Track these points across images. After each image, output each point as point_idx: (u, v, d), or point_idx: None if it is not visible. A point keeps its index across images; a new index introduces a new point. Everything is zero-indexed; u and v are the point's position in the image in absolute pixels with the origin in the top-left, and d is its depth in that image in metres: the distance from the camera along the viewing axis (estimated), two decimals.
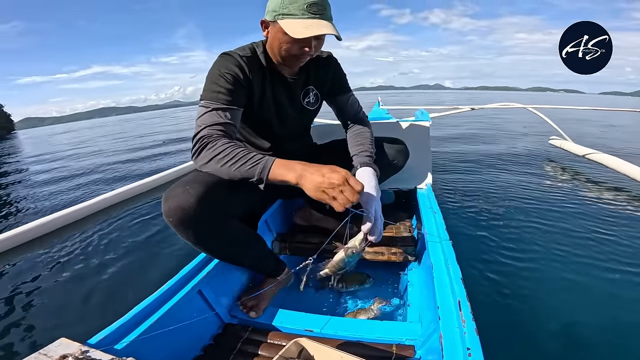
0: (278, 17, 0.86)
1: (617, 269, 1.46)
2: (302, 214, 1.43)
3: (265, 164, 0.77)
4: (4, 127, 41.74)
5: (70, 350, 0.59)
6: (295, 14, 0.84)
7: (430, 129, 1.63)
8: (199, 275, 0.93)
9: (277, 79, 1.05)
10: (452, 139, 5.35)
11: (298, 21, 0.84)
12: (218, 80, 0.89)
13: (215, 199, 0.81)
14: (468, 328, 0.65)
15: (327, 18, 0.87)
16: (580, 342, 1.10)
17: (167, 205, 0.77)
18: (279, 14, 0.86)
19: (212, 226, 0.84)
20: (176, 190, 0.78)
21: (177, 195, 0.77)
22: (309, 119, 1.23)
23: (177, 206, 0.76)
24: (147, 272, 1.68)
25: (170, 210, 0.76)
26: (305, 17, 0.84)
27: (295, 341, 0.66)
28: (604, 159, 3.01)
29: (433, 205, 1.33)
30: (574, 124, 7.20)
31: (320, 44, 0.94)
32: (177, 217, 0.76)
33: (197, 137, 0.83)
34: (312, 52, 0.91)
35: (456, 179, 2.95)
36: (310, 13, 0.84)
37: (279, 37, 0.90)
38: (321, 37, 0.91)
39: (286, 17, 0.85)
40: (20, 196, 3.81)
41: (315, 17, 0.84)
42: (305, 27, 0.83)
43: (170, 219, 0.77)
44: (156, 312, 0.77)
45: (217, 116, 0.85)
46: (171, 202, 0.77)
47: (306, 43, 0.89)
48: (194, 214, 0.77)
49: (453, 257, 0.91)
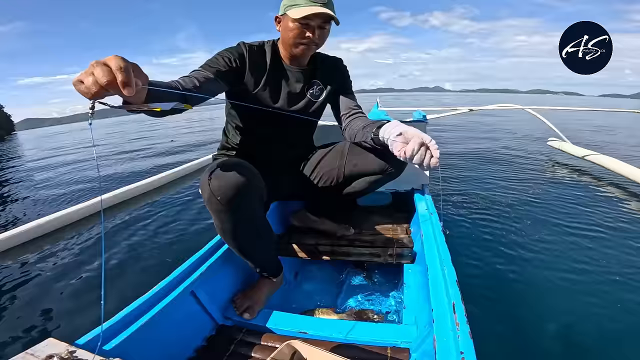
0: (287, 9, 0.97)
1: (616, 272, 1.46)
2: (298, 216, 1.43)
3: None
4: (4, 128, 41.57)
5: (57, 350, 0.59)
6: (299, 3, 0.94)
7: (427, 129, 1.60)
8: (192, 276, 0.92)
9: (280, 70, 1.10)
10: (449, 140, 5.36)
11: (302, 8, 0.94)
12: (217, 56, 0.98)
13: (258, 183, 0.85)
14: (462, 331, 0.64)
15: (327, 7, 0.95)
16: (576, 346, 1.09)
17: (216, 183, 0.77)
18: (287, 6, 0.97)
19: (253, 210, 0.86)
20: (225, 170, 0.79)
21: (230, 176, 0.78)
22: (311, 110, 1.20)
23: (230, 184, 0.77)
24: (140, 273, 1.67)
25: (221, 188, 0.76)
26: (307, 5, 0.94)
27: (288, 343, 0.65)
28: (602, 160, 3.02)
29: (430, 207, 1.32)
30: (573, 125, 7.22)
31: (324, 33, 1.02)
32: (227, 195, 0.77)
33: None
34: (317, 38, 0.99)
35: (453, 181, 2.95)
36: (312, 2, 0.94)
37: (287, 25, 0.99)
38: (324, 26, 1.00)
39: (293, 7, 0.95)
40: (15, 198, 3.80)
41: (317, 4, 0.94)
42: (306, 10, 0.94)
43: (218, 197, 0.77)
44: (147, 313, 0.76)
45: (195, 73, 0.87)
46: (222, 181, 0.77)
47: (309, 28, 0.98)
48: (245, 194, 0.79)
49: (448, 259, 0.90)
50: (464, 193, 2.57)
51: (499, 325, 1.15)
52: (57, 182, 4.28)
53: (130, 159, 5.62)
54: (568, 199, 2.38)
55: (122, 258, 1.84)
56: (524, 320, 1.19)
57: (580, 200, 2.34)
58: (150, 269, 1.71)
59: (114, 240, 2.09)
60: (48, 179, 4.59)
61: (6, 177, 5.32)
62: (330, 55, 1.23)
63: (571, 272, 1.47)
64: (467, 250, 1.66)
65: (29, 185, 4.36)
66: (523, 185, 2.78)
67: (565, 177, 3.05)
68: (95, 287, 1.57)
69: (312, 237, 1.35)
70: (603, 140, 5.34)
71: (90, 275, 1.70)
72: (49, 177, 4.77)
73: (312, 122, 1.28)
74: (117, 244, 2.02)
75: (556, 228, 1.90)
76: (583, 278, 1.43)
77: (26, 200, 3.62)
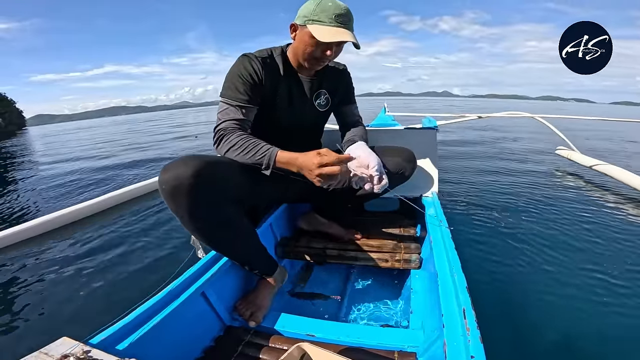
0: (308, 22, 0.96)
1: (631, 277, 1.45)
2: (306, 219, 1.44)
3: (271, 155, 0.88)
4: (15, 124, 42.08)
5: (72, 350, 0.59)
6: (324, 21, 0.94)
7: (437, 136, 1.61)
8: (203, 277, 0.92)
9: (292, 78, 1.12)
10: (458, 147, 5.34)
11: (326, 28, 0.94)
12: (237, 80, 1.00)
13: (212, 176, 0.83)
14: (472, 336, 0.64)
15: (350, 29, 0.98)
16: (587, 352, 1.08)
17: (163, 175, 0.78)
18: (309, 19, 0.96)
19: (206, 202, 0.83)
20: (176, 162, 0.80)
21: (176, 166, 0.78)
22: (318, 120, 1.26)
23: (173, 175, 0.77)
24: (152, 273, 1.69)
25: (165, 179, 0.77)
26: (332, 25, 0.94)
27: (298, 346, 0.65)
28: (611, 170, 2.98)
29: (439, 214, 1.32)
30: (582, 133, 7.15)
31: (340, 50, 1.03)
32: (170, 185, 0.77)
33: (217, 128, 0.97)
34: (332, 56, 1.01)
35: (462, 188, 2.94)
36: (337, 22, 0.94)
37: (305, 39, 0.99)
38: (342, 44, 1.01)
39: (315, 23, 0.95)
40: (27, 193, 3.85)
41: (341, 26, 0.95)
42: (331, 33, 0.94)
43: (163, 187, 0.77)
44: (159, 313, 0.77)
45: (234, 112, 0.98)
46: (168, 172, 0.78)
47: (328, 47, 0.99)
48: (187, 185, 0.77)
49: (458, 265, 0.90)
50: (471, 200, 2.55)
51: (509, 332, 1.14)
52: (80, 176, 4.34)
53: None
54: (578, 209, 2.35)
55: (133, 257, 1.87)
56: (536, 328, 1.18)
57: (590, 211, 2.31)
58: (162, 268, 1.72)
59: (121, 238, 2.11)
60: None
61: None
62: (335, 62, 1.24)
63: (583, 280, 1.46)
64: (476, 257, 1.65)
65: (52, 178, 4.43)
66: (531, 193, 2.76)
67: (573, 186, 3.02)
68: (106, 286, 1.59)
69: (320, 241, 1.36)
70: (612, 150, 5.28)
71: (101, 274, 1.71)
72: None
73: (320, 129, 1.33)
74: (124, 243, 2.04)
75: (567, 237, 1.88)
76: (595, 286, 1.41)
77: (43, 193, 3.69)
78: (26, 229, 2.20)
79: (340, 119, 1.31)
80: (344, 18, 0.95)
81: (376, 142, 1.30)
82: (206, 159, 0.82)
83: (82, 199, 3.06)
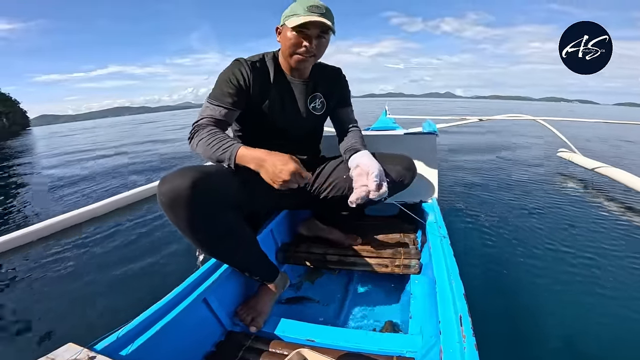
0: (286, 19, 1.01)
1: (628, 283, 1.45)
2: (307, 225, 1.45)
3: (232, 151, 0.89)
4: (19, 124, 42.18)
5: (78, 356, 0.61)
6: (298, 13, 0.98)
7: (437, 141, 1.60)
8: (205, 283, 0.94)
9: (284, 83, 1.13)
10: (459, 150, 5.33)
11: (299, 17, 0.97)
12: (224, 84, 1.02)
13: (210, 186, 0.84)
14: (468, 343, 0.65)
15: (325, 17, 0.98)
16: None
17: (161, 187, 0.79)
18: (286, 16, 1.01)
19: (204, 214, 0.84)
20: (173, 173, 0.81)
21: (173, 178, 0.79)
22: (314, 124, 1.25)
23: (171, 188, 0.78)
24: (154, 279, 1.70)
25: (163, 192, 0.78)
26: (305, 15, 0.97)
27: (298, 351, 0.67)
28: (613, 173, 2.97)
29: (438, 220, 1.33)
30: (585, 135, 7.12)
31: (322, 43, 1.04)
32: (168, 197, 0.78)
33: (193, 124, 1.00)
34: (313, 49, 1.02)
35: (462, 192, 2.94)
36: (310, 12, 0.97)
37: (285, 35, 1.02)
38: (322, 36, 1.02)
39: (291, 17, 0.99)
40: (27, 195, 3.88)
41: (315, 14, 0.97)
42: (303, 19, 0.97)
43: (162, 199, 0.79)
44: (162, 319, 0.79)
45: (213, 110, 1.00)
46: (166, 184, 0.79)
47: (307, 38, 1.00)
48: (186, 197, 0.78)
49: (456, 272, 0.91)
50: (471, 205, 2.55)
51: (504, 339, 1.15)
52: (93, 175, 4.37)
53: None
54: (579, 213, 2.35)
55: (135, 263, 1.87)
56: (531, 336, 1.18)
57: (591, 215, 2.31)
58: (165, 274, 1.72)
59: (124, 244, 2.13)
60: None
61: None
62: (330, 65, 1.25)
63: (581, 288, 1.46)
64: (474, 264, 1.65)
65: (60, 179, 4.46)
66: (531, 196, 2.76)
67: (574, 189, 3.02)
68: (109, 292, 1.60)
69: (319, 247, 1.37)
70: (614, 152, 5.26)
71: (105, 280, 1.72)
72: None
73: (317, 133, 1.33)
74: (127, 249, 2.06)
75: (566, 243, 1.87)
76: (592, 294, 1.41)
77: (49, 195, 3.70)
78: (29, 233, 2.21)
79: (336, 123, 1.31)
80: (318, 8, 0.97)
81: (376, 147, 1.30)
82: (203, 170, 0.84)
83: (89, 202, 3.08)
